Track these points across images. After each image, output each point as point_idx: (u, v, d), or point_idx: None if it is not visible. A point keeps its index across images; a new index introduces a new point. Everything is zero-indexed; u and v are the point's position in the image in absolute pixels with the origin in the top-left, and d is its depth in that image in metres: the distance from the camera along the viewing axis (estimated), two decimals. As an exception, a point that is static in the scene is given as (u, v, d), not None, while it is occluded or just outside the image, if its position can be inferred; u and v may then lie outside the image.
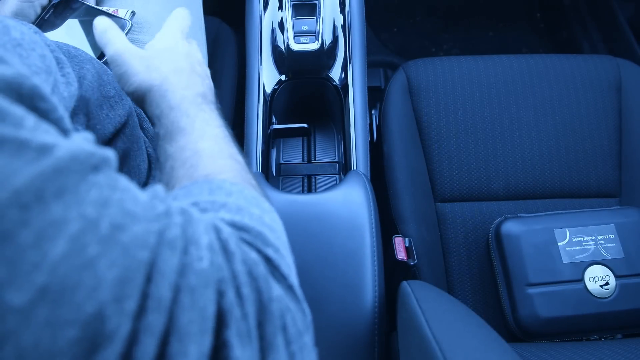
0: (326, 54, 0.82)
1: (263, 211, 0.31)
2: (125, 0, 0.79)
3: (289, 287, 0.27)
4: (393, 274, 0.70)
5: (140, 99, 0.46)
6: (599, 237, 0.76)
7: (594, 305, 0.72)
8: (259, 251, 0.28)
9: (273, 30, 0.84)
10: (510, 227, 0.77)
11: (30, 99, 0.23)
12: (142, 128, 0.69)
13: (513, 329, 0.74)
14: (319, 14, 0.82)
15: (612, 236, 0.76)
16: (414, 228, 0.80)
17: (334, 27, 0.82)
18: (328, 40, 0.81)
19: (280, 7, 0.84)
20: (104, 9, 0.74)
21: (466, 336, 0.47)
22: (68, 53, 0.59)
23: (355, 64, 0.83)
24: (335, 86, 0.83)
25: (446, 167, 0.86)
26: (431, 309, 0.50)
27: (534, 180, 0.86)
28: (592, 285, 0.73)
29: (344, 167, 0.84)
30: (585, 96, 0.89)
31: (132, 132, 0.62)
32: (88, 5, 0.74)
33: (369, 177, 0.78)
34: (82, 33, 0.72)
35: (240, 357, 0.22)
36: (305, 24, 0.81)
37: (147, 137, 0.69)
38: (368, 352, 0.56)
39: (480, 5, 1.54)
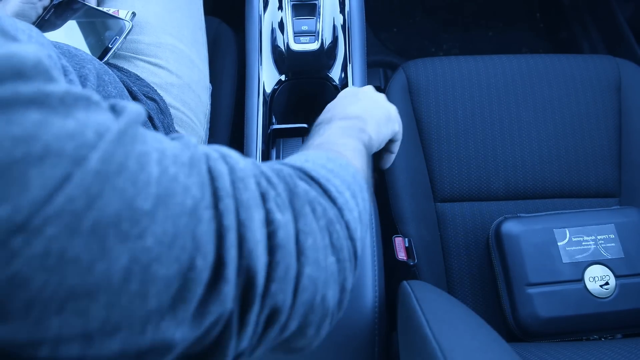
0: (326, 54, 0.82)
1: (329, 160, 0.39)
2: (125, 1, 0.79)
3: (323, 192, 0.36)
4: (393, 274, 0.70)
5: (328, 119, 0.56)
6: (599, 237, 0.76)
7: (593, 305, 0.72)
8: (299, 169, 0.37)
9: (273, 31, 0.84)
10: (510, 227, 0.77)
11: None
12: (154, 126, 0.69)
13: (513, 329, 0.74)
14: (319, 14, 0.82)
15: (612, 236, 0.76)
16: (413, 228, 0.80)
17: (334, 27, 0.83)
18: (328, 41, 0.81)
19: (280, 7, 0.84)
20: (105, 9, 0.74)
21: (466, 336, 0.47)
22: (69, 53, 0.59)
23: (355, 64, 0.83)
24: (335, 86, 0.83)
25: (446, 167, 0.86)
26: (431, 309, 0.50)
27: (534, 180, 0.86)
28: (592, 285, 0.73)
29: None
30: (585, 96, 0.89)
31: None
32: (89, 6, 0.74)
33: (369, 177, 0.78)
34: (83, 34, 0.72)
35: (280, 219, 0.31)
36: (305, 24, 0.81)
37: None
38: (368, 352, 0.56)
39: (480, 5, 1.54)
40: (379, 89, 1.28)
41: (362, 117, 0.54)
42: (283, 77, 0.84)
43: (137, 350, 0.26)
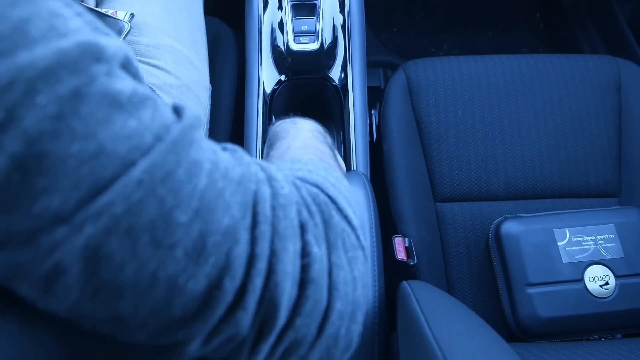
0: (326, 54, 0.82)
1: (329, 174, 0.39)
2: (124, 1, 0.79)
3: (344, 217, 0.35)
4: (393, 274, 0.70)
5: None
6: (599, 237, 0.76)
7: (593, 305, 0.72)
8: (320, 189, 0.36)
9: (273, 30, 0.84)
10: (510, 227, 0.77)
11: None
12: None
13: (513, 329, 0.74)
14: (319, 14, 0.82)
15: (611, 236, 0.76)
16: (413, 228, 0.80)
17: (334, 27, 0.83)
18: (328, 40, 0.81)
19: (280, 7, 0.84)
20: (103, 10, 0.74)
21: (466, 336, 0.47)
22: None
23: (354, 64, 0.83)
24: (335, 86, 0.83)
25: (446, 167, 0.86)
26: (431, 309, 0.50)
27: (533, 180, 0.86)
28: (592, 285, 0.73)
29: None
30: (585, 96, 0.89)
31: None
32: (87, 7, 0.73)
33: (368, 177, 0.78)
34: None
35: (317, 252, 0.31)
36: (305, 24, 0.81)
37: None
38: (368, 352, 0.56)
39: (480, 5, 1.54)
40: (378, 89, 1.28)
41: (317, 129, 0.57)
42: (283, 77, 0.84)
43: (160, 344, 0.28)
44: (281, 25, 0.83)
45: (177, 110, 0.28)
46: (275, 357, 0.31)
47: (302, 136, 0.51)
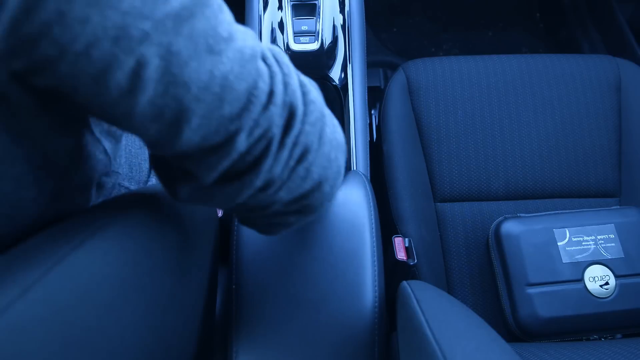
0: (326, 54, 0.82)
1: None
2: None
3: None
4: (393, 274, 0.70)
5: None
6: (599, 237, 0.76)
7: (593, 305, 0.72)
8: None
9: (273, 30, 0.84)
10: (510, 227, 0.77)
11: None
12: None
13: (513, 329, 0.74)
14: (319, 14, 0.82)
15: (611, 236, 0.76)
16: (413, 228, 0.80)
17: (334, 27, 0.83)
18: (328, 41, 0.81)
19: (280, 7, 0.84)
20: None
21: (466, 336, 0.47)
22: None
23: (355, 64, 0.83)
24: (335, 86, 0.83)
25: (446, 167, 0.86)
26: (431, 309, 0.50)
27: (533, 180, 0.86)
28: (592, 285, 0.73)
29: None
30: (585, 96, 0.89)
31: None
32: None
33: (368, 177, 0.78)
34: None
35: (311, 89, 0.40)
36: (305, 24, 0.81)
37: None
38: (368, 352, 0.56)
39: (480, 5, 1.54)
40: (378, 89, 1.28)
41: None
42: (283, 77, 0.83)
43: (210, 146, 0.34)
44: (281, 25, 0.83)
45: None
46: (292, 163, 0.38)
47: None
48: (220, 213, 0.70)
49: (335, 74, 0.83)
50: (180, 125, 0.32)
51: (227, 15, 0.34)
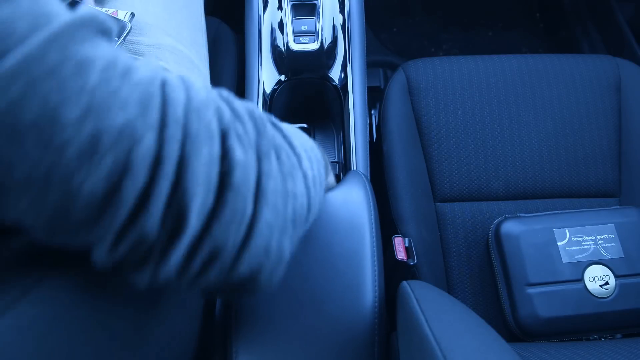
0: (326, 54, 0.82)
1: (299, 134, 0.39)
2: (124, 1, 0.79)
3: (284, 137, 0.35)
4: (393, 274, 0.70)
5: None
6: (599, 237, 0.76)
7: (593, 305, 0.72)
8: (268, 118, 0.36)
9: (272, 31, 0.84)
10: (510, 227, 0.77)
11: None
12: None
13: (513, 329, 0.74)
14: (319, 14, 0.82)
15: (611, 236, 0.76)
16: (413, 228, 0.80)
17: (334, 27, 0.83)
18: (327, 41, 0.81)
19: (280, 7, 0.84)
20: (103, 10, 0.74)
21: (466, 336, 0.47)
22: None
23: (354, 64, 0.83)
24: (335, 86, 0.83)
25: (446, 167, 0.86)
26: (431, 309, 0.50)
27: (533, 180, 0.86)
28: (592, 285, 0.73)
29: (344, 167, 0.84)
30: (585, 96, 0.89)
31: None
32: (87, 7, 0.73)
33: (368, 177, 0.78)
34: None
35: (240, 158, 0.30)
36: (305, 24, 0.81)
37: None
38: (368, 352, 0.56)
39: (479, 5, 1.54)
40: (378, 89, 1.28)
41: None
42: (283, 77, 0.84)
43: (72, 245, 0.28)
44: (281, 25, 0.83)
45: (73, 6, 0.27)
46: (195, 267, 0.30)
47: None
48: None
49: (335, 74, 0.83)
50: (24, 226, 0.27)
51: (97, 62, 0.26)
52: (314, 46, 0.80)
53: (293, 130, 0.39)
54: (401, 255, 0.70)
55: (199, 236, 0.29)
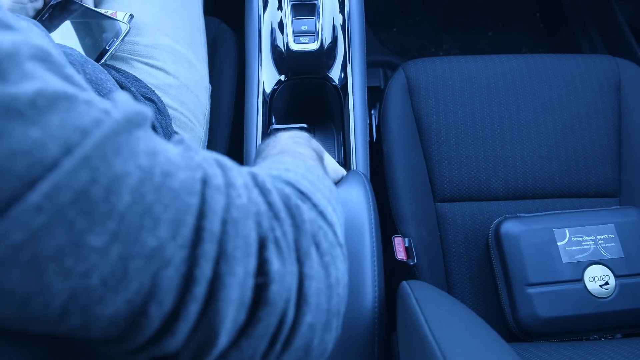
0: (326, 54, 0.82)
1: (309, 172, 0.37)
2: (122, 2, 0.79)
3: (319, 213, 0.33)
4: (393, 274, 0.70)
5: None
6: (599, 237, 0.76)
7: (593, 305, 0.72)
8: (293, 186, 0.33)
9: (272, 31, 0.84)
10: (510, 227, 0.77)
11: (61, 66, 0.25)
12: (152, 127, 0.69)
13: (513, 329, 0.74)
14: (319, 14, 0.82)
15: (611, 236, 0.76)
16: (413, 228, 0.80)
17: (334, 27, 0.82)
18: (327, 41, 0.81)
19: (280, 7, 0.84)
20: (102, 11, 0.74)
21: (466, 336, 0.47)
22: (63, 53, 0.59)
23: (354, 64, 0.83)
24: (335, 86, 0.83)
25: (446, 167, 0.86)
26: (431, 309, 0.50)
27: (533, 180, 0.86)
28: (592, 285, 0.73)
29: (344, 167, 0.84)
30: (584, 96, 0.89)
31: None
32: (86, 8, 0.73)
33: (368, 177, 0.78)
34: (79, 35, 0.72)
35: (278, 270, 0.27)
36: (305, 24, 0.81)
37: None
38: (368, 352, 0.56)
39: (479, 5, 1.54)
40: (378, 89, 1.28)
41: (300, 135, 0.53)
42: (283, 77, 0.84)
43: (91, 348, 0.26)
44: (281, 25, 0.83)
45: (105, 111, 0.24)
46: None
47: (281, 144, 0.48)
48: None
49: (335, 74, 0.83)
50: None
51: (130, 177, 0.23)
52: (314, 46, 0.80)
53: (312, 179, 0.36)
54: (401, 255, 0.70)
55: (227, 349, 0.27)
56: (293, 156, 0.44)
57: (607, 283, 0.73)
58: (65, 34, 0.71)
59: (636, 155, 0.87)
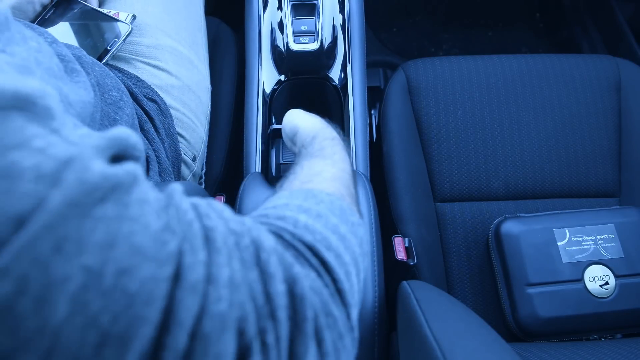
0: (325, 54, 0.82)
1: (343, 221, 0.32)
2: (125, 2, 0.79)
3: (336, 292, 0.27)
4: (393, 274, 0.70)
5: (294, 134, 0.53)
6: (599, 237, 0.76)
7: (593, 305, 0.72)
8: (314, 251, 0.28)
9: (272, 31, 0.84)
10: (510, 227, 0.77)
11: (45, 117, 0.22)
12: (142, 129, 0.69)
13: (513, 329, 0.74)
14: (319, 14, 0.82)
15: (611, 236, 0.76)
16: (413, 228, 0.80)
17: (334, 27, 0.82)
18: (327, 40, 0.81)
19: (280, 7, 0.84)
20: (105, 11, 0.74)
21: (466, 336, 0.47)
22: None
23: (354, 64, 0.83)
24: (335, 86, 0.83)
25: (446, 167, 0.86)
26: (431, 309, 0.50)
27: (533, 180, 0.86)
28: (592, 285, 0.73)
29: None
30: (584, 96, 0.89)
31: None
32: (90, 7, 0.74)
33: (368, 177, 0.78)
34: (82, 34, 0.72)
35: None
36: (305, 24, 0.81)
37: (147, 138, 0.69)
38: (368, 352, 0.56)
39: (479, 5, 1.54)
40: (378, 89, 1.28)
41: (318, 126, 0.51)
42: (283, 77, 0.84)
43: None
44: (281, 25, 0.83)
45: (53, 178, 0.20)
46: None
47: (339, 166, 0.43)
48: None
49: (335, 74, 0.83)
50: None
51: (72, 279, 0.19)
52: (314, 46, 0.80)
53: (347, 235, 0.31)
54: (401, 255, 0.70)
55: None
56: (339, 190, 0.38)
57: (607, 283, 0.73)
58: (69, 33, 0.71)
59: (636, 155, 0.87)
